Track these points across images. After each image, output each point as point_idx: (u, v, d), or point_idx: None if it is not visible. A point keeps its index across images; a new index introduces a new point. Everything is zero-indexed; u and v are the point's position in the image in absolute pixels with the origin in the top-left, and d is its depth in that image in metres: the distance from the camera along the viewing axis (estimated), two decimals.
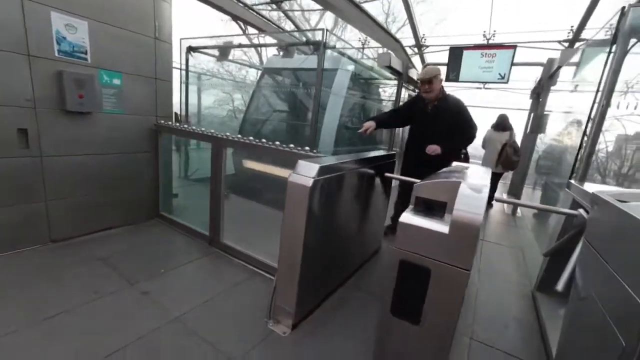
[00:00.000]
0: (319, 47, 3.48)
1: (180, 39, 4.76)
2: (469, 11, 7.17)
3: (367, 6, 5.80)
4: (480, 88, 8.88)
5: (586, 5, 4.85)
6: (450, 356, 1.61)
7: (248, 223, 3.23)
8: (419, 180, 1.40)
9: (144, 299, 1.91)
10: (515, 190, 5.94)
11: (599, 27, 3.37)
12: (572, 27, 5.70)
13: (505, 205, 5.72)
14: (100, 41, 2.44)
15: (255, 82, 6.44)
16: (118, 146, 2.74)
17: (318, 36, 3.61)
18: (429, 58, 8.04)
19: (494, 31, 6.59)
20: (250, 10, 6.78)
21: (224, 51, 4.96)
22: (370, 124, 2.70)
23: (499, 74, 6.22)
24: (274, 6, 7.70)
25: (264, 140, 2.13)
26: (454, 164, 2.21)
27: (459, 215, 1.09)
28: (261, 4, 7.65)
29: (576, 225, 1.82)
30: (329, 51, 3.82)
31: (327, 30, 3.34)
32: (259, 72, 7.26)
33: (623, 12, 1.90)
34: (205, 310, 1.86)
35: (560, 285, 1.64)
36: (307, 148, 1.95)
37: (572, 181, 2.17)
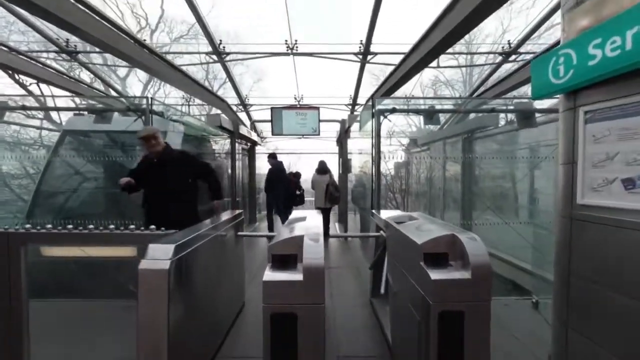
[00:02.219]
0: (143, 113, 3.32)
1: None
2: (280, 76, 8.69)
3: (185, 67, 5.97)
4: (301, 138, 10.68)
5: (354, 84, 7.01)
6: None
7: (64, 332, 2.47)
8: (273, 234, 1.64)
9: None
10: (342, 219, 7.33)
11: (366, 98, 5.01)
12: (350, 95, 7.99)
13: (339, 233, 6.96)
14: None
15: (42, 142, 5.11)
16: None
17: (138, 96, 3.42)
18: (255, 116, 9.01)
19: (302, 95, 8.26)
20: (22, 57, 5.25)
21: None
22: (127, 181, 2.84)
23: (312, 128, 7.77)
24: (65, 56, 6.52)
25: (90, 226, 1.81)
26: (293, 214, 2.61)
27: (307, 263, 1.39)
28: (42, 51, 6.36)
29: (381, 242, 2.56)
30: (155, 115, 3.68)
31: (152, 98, 3.26)
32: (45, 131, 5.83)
33: (373, 100, 3.04)
34: None
35: (382, 289, 2.24)
36: (152, 227, 1.82)
37: (374, 211, 3.03)
